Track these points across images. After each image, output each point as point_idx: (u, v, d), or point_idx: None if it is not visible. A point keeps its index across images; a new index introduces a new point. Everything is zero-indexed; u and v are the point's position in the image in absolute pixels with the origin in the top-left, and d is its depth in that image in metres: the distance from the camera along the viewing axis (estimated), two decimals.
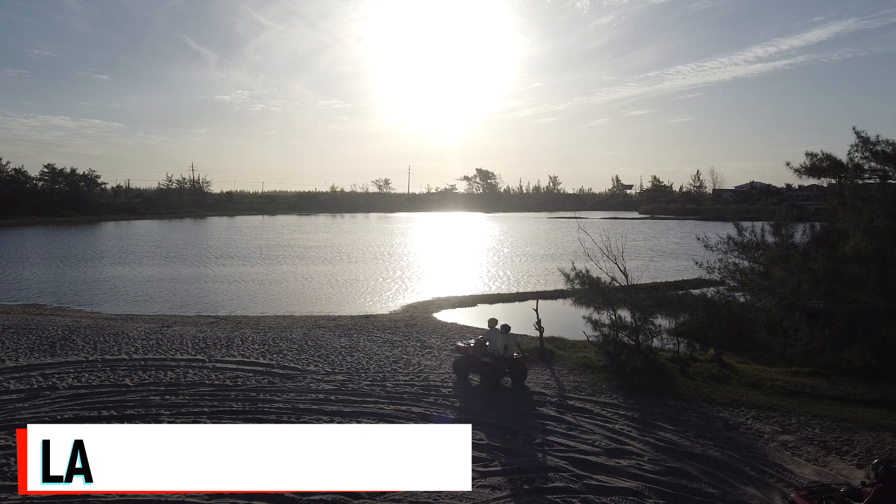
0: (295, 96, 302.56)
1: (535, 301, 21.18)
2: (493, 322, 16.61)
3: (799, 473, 10.50)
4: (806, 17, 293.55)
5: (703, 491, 9.87)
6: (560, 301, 29.16)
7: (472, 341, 16.41)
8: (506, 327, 16.17)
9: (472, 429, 12.29)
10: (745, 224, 23.00)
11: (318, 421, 12.75)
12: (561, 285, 34.00)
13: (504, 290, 33.99)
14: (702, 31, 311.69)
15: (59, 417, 12.78)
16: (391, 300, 31.20)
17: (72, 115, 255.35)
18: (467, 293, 32.74)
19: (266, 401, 14.10)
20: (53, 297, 31.23)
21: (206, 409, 13.45)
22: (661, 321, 18.51)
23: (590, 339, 17.68)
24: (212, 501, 9.41)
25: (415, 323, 24.01)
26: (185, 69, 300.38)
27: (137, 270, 41.55)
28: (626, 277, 17.44)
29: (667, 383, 15.52)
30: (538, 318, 18.65)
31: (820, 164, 21.25)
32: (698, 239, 22.59)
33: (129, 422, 12.63)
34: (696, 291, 23.82)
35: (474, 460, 10.79)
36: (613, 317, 16.99)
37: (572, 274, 17.28)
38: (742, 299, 22.23)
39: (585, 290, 16.94)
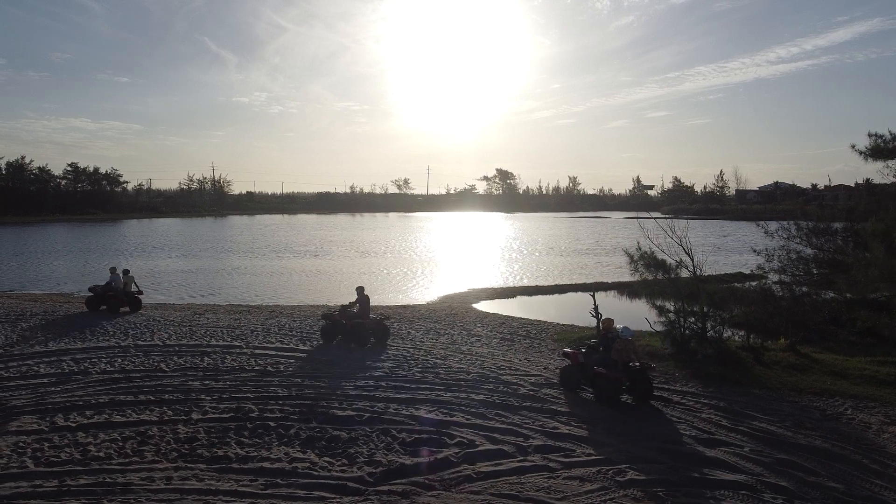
0: (313, 98, 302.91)
1: (575, 291, 20.08)
2: (113, 269, 23.09)
3: None
4: (830, 17, 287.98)
5: (825, 485, 8.63)
6: (602, 294, 27.96)
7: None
8: (125, 270, 23.14)
9: (547, 417, 11.28)
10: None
11: (373, 408, 11.66)
12: (604, 277, 33.15)
13: (542, 282, 32.79)
14: (723, 31, 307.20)
15: (93, 402, 11.83)
16: (426, 291, 30.15)
17: (92, 117, 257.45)
18: (505, 285, 31.65)
19: (313, 387, 13.05)
20: (80, 287, 30.49)
21: (249, 395, 12.43)
22: (726, 310, 17.30)
23: (653, 325, 16.47)
24: (268, 490, 8.34)
25: (455, 312, 22.91)
26: (204, 71, 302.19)
27: (163, 263, 40.88)
28: (692, 259, 16.22)
29: (744, 372, 14.27)
30: (595, 304, 17.44)
31: (886, 146, 20.03)
32: (758, 225, 21.26)
33: (168, 406, 11.67)
34: (754, 284, 22.54)
35: (555, 450, 9.71)
36: (681, 302, 15.75)
37: (637, 255, 16.06)
38: (802, 289, 20.97)
39: (652, 271, 15.73)
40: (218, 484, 8.49)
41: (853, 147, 20.59)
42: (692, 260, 16.26)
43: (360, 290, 18.20)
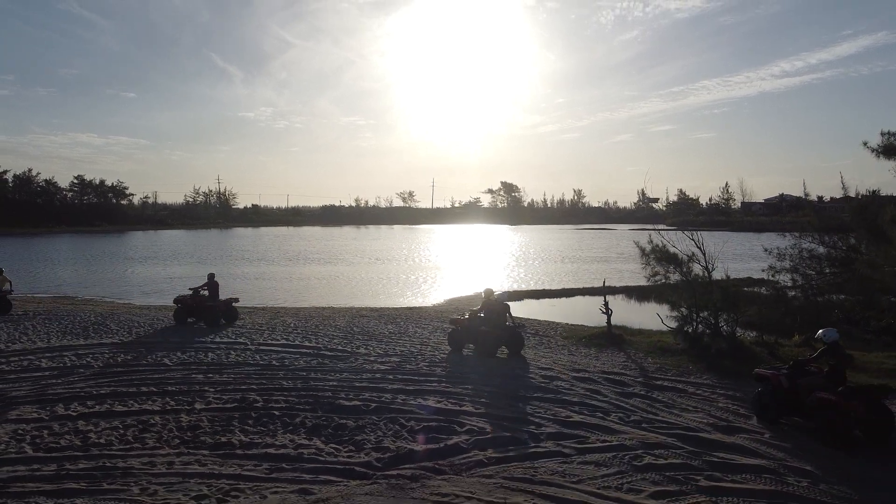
0: (319, 113, 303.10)
1: (583, 295, 19.85)
2: None
3: None
4: (835, 31, 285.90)
5: (850, 470, 8.31)
6: (611, 297, 27.64)
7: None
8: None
9: (558, 406, 10.99)
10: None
11: (380, 399, 11.38)
12: (612, 282, 32.81)
13: (550, 286, 32.52)
14: (728, 45, 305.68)
15: (95, 393, 11.59)
16: (432, 295, 30.00)
17: (99, 132, 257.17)
18: (512, 289, 31.35)
19: (319, 379, 12.78)
20: (84, 290, 30.43)
21: (253, 387, 12.16)
22: (739, 309, 17.01)
23: (665, 320, 16.17)
24: (273, 474, 8.07)
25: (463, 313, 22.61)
26: (210, 86, 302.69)
27: (163, 269, 40.76)
28: (704, 254, 15.96)
29: (759, 366, 13.91)
30: (605, 300, 17.22)
31: None
32: (783, 237, 20.97)
33: (171, 397, 11.42)
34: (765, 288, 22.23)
35: (569, 437, 9.41)
36: (693, 298, 15.46)
37: (648, 248, 15.79)
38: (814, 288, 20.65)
39: (663, 265, 15.47)
40: (221, 468, 8.22)
41: (865, 144, 20.37)
42: (704, 254, 16.00)
43: (210, 276, 20.08)
